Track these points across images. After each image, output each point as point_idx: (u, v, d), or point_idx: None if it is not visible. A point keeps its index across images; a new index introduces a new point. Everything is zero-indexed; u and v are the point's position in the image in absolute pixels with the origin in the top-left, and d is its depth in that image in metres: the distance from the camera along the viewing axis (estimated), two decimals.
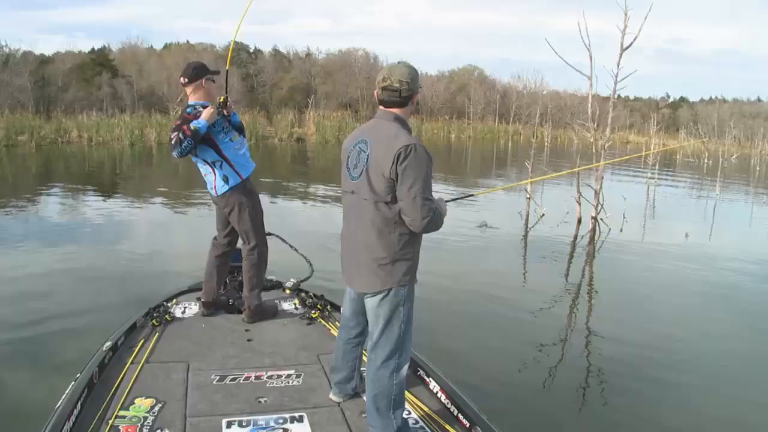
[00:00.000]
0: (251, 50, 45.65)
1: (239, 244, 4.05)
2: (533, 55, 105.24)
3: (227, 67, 4.17)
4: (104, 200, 11.80)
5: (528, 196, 12.32)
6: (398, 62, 2.52)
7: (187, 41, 44.83)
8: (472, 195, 5.14)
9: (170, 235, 8.87)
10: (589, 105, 10.20)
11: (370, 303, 2.53)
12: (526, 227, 10.20)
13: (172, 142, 3.59)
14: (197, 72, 3.78)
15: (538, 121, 48.44)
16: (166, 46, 44.54)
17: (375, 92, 2.53)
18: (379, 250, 2.44)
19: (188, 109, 3.74)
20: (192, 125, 3.60)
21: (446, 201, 2.70)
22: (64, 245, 7.73)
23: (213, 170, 3.77)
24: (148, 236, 8.64)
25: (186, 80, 3.76)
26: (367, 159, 2.43)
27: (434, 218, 2.41)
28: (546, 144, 33.02)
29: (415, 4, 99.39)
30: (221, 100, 3.81)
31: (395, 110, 2.49)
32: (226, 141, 3.77)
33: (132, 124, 26.61)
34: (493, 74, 63.76)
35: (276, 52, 46.87)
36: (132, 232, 8.83)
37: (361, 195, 2.47)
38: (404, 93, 2.46)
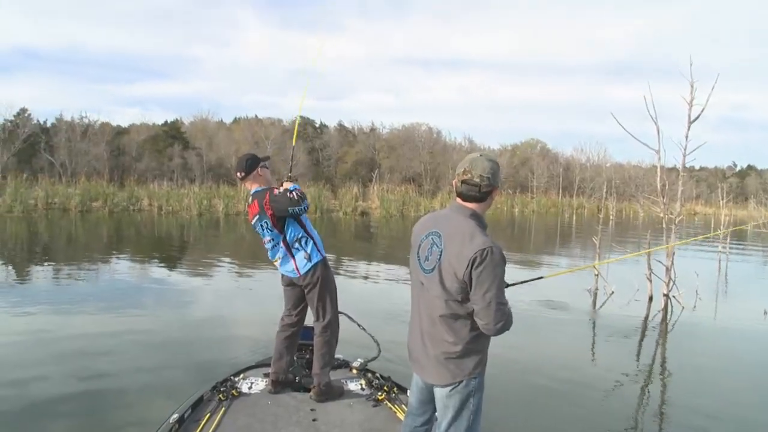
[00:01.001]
0: (317, 125, 47.24)
1: (308, 321, 4.10)
2: (595, 126, 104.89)
3: (293, 143, 4.49)
4: (171, 267, 12.05)
5: (596, 272, 11.93)
6: (480, 155, 2.49)
7: (255, 115, 46.68)
8: (541, 278, 4.97)
9: (234, 305, 8.88)
10: (658, 179, 9.88)
11: (440, 393, 2.50)
12: (594, 305, 9.80)
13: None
14: (251, 164, 3.92)
15: (604, 194, 47.95)
16: (235, 120, 46.55)
17: (454, 182, 2.50)
18: (449, 344, 2.42)
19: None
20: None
21: (512, 284, 2.65)
22: (130, 308, 7.87)
23: (294, 249, 3.85)
24: (213, 305, 8.70)
25: (243, 174, 3.91)
26: (440, 256, 2.39)
27: (508, 322, 2.38)
28: (611, 217, 32.16)
29: (474, 79, 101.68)
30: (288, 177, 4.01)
31: (472, 205, 2.46)
32: (305, 218, 3.91)
33: (200, 195, 27.45)
34: (556, 147, 63.78)
35: (341, 127, 48.27)
36: (196, 300, 8.90)
37: (432, 291, 2.44)
38: (484, 189, 2.43)
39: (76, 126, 34.36)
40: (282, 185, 3.92)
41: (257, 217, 3.88)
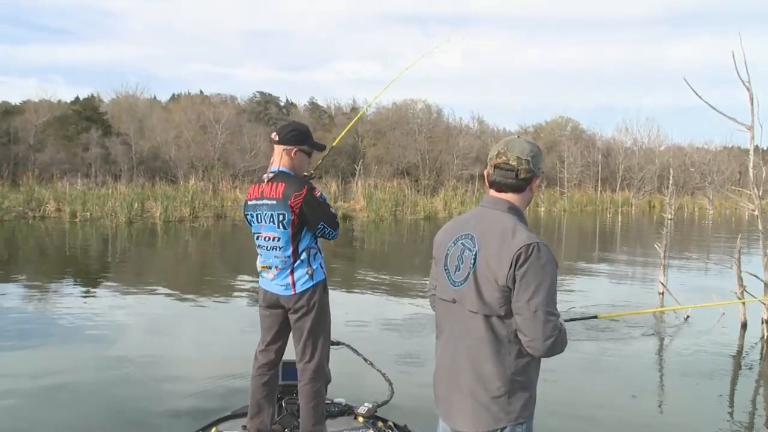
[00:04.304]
0: (282, 103, 47.04)
1: (289, 355, 4.24)
2: (644, 98, 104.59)
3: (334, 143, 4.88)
4: (88, 293, 11.82)
5: (661, 291, 11.83)
6: (518, 136, 2.61)
7: (201, 91, 47.05)
8: (594, 317, 4.88)
9: (175, 340, 8.81)
10: (751, 165, 9.45)
11: None
12: (659, 331, 9.67)
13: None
14: (296, 137, 4.03)
15: (655, 185, 48.04)
16: (174, 98, 46.89)
17: (485, 172, 2.63)
18: (491, 377, 2.46)
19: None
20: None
21: (567, 320, 2.73)
22: (33, 349, 7.80)
23: (299, 261, 3.95)
24: (147, 340, 8.64)
25: (278, 139, 4.02)
26: (474, 260, 2.48)
27: (559, 339, 2.41)
28: (670, 217, 32.13)
29: (486, 42, 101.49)
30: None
31: (509, 196, 2.56)
32: None
33: (130, 196, 27.10)
34: (591, 127, 64.13)
35: (313, 106, 48.45)
36: (123, 335, 8.82)
37: (467, 306, 2.49)
38: (522, 174, 2.52)
39: None
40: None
41: (270, 203, 3.92)
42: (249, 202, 4.06)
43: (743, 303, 9.49)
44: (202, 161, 36.25)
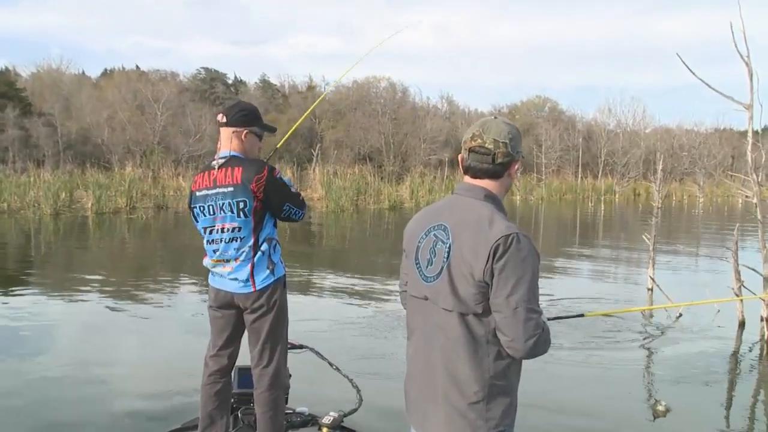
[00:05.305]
0: (230, 80, 46.63)
1: (242, 360, 4.27)
2: (629, 76, 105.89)
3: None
4: (7, 295, 11.61)
5: (649, 286, 12.02)
6: (494, 117, 2.64)
7: (137, 67, 46.92)
8: (581, 315, 5.20)
9: (112, 347, 8.63)
10: (749, 147, 9.51)
11: None
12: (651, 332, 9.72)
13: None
14: (245, 117, 4.04)
15: (640, 171, 48.64)
16: (107, 73, 46.48)
17: (460, 156, 2.63)
18: (468, 381, 2.47)
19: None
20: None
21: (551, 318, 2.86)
22: None
23: (260, 253, 3.95)
24: (77, 350, 8.42)
25: (225, 120, 4.02)
26: (448, 253, 2.50)
27: (542, 338, 2.42)
28: (657, 206, 32.55)
29: (458, 15, 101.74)
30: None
31: (486, 183, 2.58)
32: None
33: (56, 185, 26.68)
34: (572, 108, 64.56)
35: (265, 84, 48.13)
36: (51, 345, 8.64)
37: (440, 303, 2.51)
38: (500, 158, 2.54)
39: None
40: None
41: (226, 191, 3.90)
42: (197, 193, 4.01)
43: (741, 300, 9.60)
44: (139, 145, 35.69)
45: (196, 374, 4.26)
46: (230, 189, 3.88)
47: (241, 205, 3.88)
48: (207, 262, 4.08)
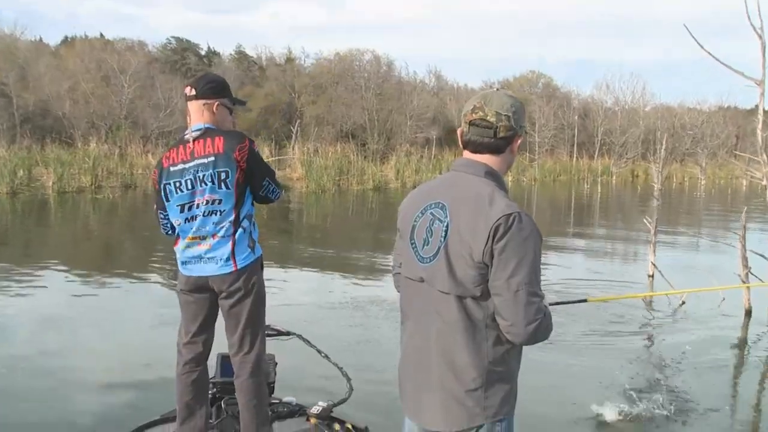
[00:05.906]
0: (203, 51, 46.34)
1: (217, 348, 4.29)
2: (629, 51, 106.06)
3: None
4: None
5: (650, 272, 12.20)
6: (497, 89, 2.68)
7: (101, 35, 45.91)
8: (584, 301, 5.26)
9: (78, 335, 8.61)
10: (759, 126, 9.48)
11: None
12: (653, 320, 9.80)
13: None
14: (214, 88, 4.05)
15: (639, 152, 48.91)
16: (67, 41, 45.81)
17: (459, 130, 2.65)
18: (465, 368, 2.49)
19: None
20: None
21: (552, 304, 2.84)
22: None
23: (241, 229, 3.96)
24: (39, 339, 8.40)
25: (194, 92, 4.00)
26: (446, 233, 2.51)
27: (543, 323, 2.44)
28: (659, 187, 32.84)
29: None
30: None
31: (486, 158, 2.60)
32: None
33: (13, 161, 26.43)
34: (567, 84, 64.50)
35: (241, 55, 47.97)
36: (10, 334, 8.62)
37: (437, 286, 2.53)
38: (502, 132, 2.56)
39: None
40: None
41: (207, 161, 3.88)
42: (172, 168, 3.95)
43: (748, 288, 9.63)
44: (105, 120, 35.29)
45: (170, 359, 4.23)
46: (211, 159, 3.88)
47: (223, 175, 3.87)
48: (179, 245, 4.02)
